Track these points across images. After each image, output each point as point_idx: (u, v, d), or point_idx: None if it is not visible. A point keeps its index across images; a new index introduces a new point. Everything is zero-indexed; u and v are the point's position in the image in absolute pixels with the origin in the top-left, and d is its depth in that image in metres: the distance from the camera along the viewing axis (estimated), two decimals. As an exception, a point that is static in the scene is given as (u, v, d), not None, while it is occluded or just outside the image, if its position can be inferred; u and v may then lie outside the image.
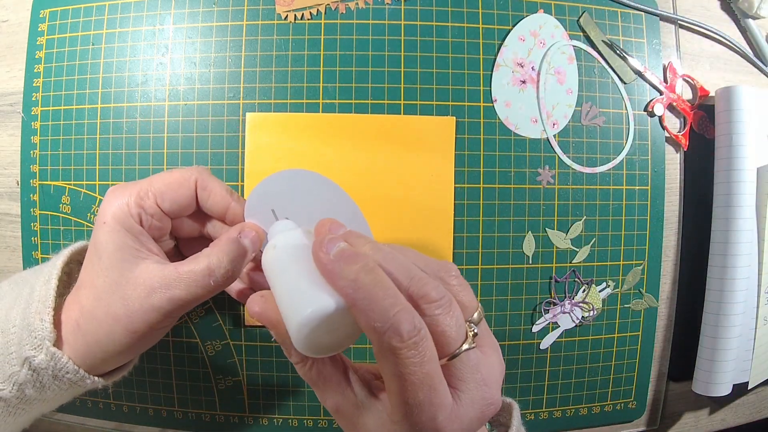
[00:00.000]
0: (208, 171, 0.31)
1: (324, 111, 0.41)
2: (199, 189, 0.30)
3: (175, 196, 0.29)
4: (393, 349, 0.20)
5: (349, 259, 0.21)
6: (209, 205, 0.30)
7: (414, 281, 0.22)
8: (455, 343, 0.21)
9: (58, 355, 0.27)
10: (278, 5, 0.41)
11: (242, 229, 0.29)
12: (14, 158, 0.43)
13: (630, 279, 0.44)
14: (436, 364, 0.21)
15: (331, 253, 0.22)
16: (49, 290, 0.29)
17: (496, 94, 0.42)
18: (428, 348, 0.20)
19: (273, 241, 0.25)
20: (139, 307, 0.27)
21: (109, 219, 0.28)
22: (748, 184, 0.43)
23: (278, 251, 0.25)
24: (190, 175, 0.30)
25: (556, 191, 0.43)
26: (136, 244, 0.28)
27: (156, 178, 0.29)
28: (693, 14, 0.47)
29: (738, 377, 0.45)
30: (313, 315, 0.21)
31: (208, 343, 0.42)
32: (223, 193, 0.30)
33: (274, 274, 0.24)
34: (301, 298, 0.22)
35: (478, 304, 0.24)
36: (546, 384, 0.44)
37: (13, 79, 0.43)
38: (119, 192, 0.29)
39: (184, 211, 0.30)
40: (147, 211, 0.28)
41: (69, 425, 0.44)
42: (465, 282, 0.24)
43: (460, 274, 0.24)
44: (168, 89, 0.41)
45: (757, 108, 0.43)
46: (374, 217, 0.41)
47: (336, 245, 0.22)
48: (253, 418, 0.43)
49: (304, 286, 0.22)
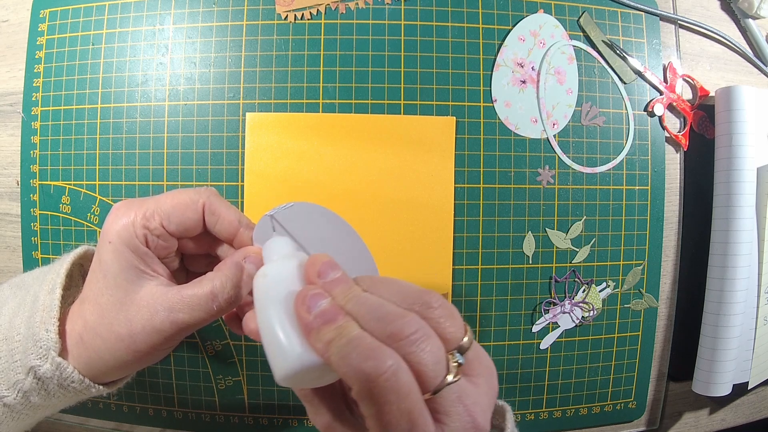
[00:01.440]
0: (216, 194, 0.30)
1: (324, 111, 0.41)
2: (207, 213, 0.29)
3: (182, 218, 0.29)
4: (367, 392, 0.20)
5: (326, 321, 0.22)
6: (217, 230, 0.30)
7: (382, 322, 0.21)
8: (435, 378, 0.21)
9: (64, 365, 0.27)
10: (278, 5, 0.41)
11: (247, 254, 0.29)
12: (14, 158, 0.43)
13: (630, 279, 0.44)
14: (415, 399, 0.20)
15: (311, 314, 0.22)
16: (53, 300, 0.28)
17: (496, 94, 0.42)
18: (403, 385, 0.20)
19: (265, 269, 0.25)
20: (141, 329, 0.27)
21: (115, 239, 0.28)
22: (748, 184, 0.43)
23: (268, 282, 0.24)
24: (198, 198, 0.29)
25: (556, 191, 0.43)
26: (141, 264, 0.28)
27: (163, 199, 0.29)
28: (693, 14, 0.47)
29: (738, 377, 0.45)
30: (292, 371, 0.22)
31: (208, 343, 0.42)
32: (232, 219, 0.30)
33: (259, 305, 0.24)
34: (279, 349, 0.22)
35: (466, 329, 0.23)
36: (546, 384, 0.44)
37: (13, 79, 0.43)
38: (124, 210, 0.28)
39: (191, 233, 0.30)
40: (153, 232, 0.28)
41: (69, 425, 0.44)
42: (450, 308, 0.23)
43: (444, 300, 0.23)
44: (168, 89, 0.41)
45: (757, 108, 0.43)
46: (374, 218, 0.41)
47: (317, 304, 0.22)
48: (253, 418, 0.43)
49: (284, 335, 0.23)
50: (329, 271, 0.24)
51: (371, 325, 0.22)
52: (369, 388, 0.20)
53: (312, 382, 0.24)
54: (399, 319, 0.21)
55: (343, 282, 0.24)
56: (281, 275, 0.24)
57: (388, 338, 0.21)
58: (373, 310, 0.22)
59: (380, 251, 0.41)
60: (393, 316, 0.21)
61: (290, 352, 0.22)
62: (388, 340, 0.21)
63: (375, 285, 0.24)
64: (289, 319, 0.23)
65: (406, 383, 0.20)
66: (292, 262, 0.25)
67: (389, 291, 0.23)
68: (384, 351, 0.20)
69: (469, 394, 0.22)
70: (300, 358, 0.22)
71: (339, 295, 0.23)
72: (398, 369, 0.20)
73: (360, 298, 0.23)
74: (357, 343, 0.21)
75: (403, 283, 0.24)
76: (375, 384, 0.20)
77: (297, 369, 0.22)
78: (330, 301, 0.23)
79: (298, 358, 0.22)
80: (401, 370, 0.20)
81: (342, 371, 0.21)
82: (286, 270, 0.25)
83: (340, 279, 0.24)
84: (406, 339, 0.21)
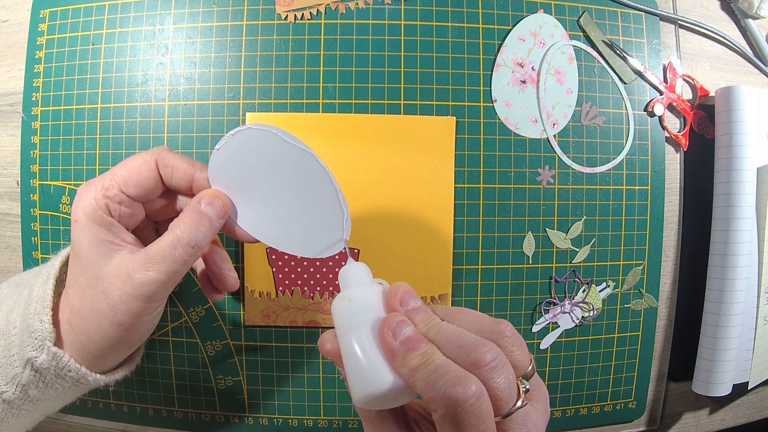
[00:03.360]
0: (167, 149, 0.31)
1: (324, 111, 0.41)
2: (161, 167, 0.30)
3: (139, 179, 0.29)
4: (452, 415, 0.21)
5: (411, 348, 0.23)
6: (175, 182, 0.30)
7: (463, 350, 0.23)
8: (508, 403, 0.23)
9: (60, 354, 0.28)
10: (278, 5, 0.41)
11: (202, 197, 0.29)
12: (14, 158, 0.43)
13: (630, 279, 0.44)
14: (491, 422, 0.22)
15: (397, 339, 0.24)
16: (47, 290, 0.29)
17: (496, 94, 0.42)
18: (485, 410, 0.21)
19: (348, 293, 0.26)
20: (119, 298, 0.27)
21: (80, 216, 0.28)
22: (748, 184, 0.43)
23: (352, 307, 0.25)
24: (150, 157, 0.30)
25: (556, 191, 0.43)
26: (110, 236, 0.28)
27: (117, 167, 0.29)
28: (693, 14, 0.47)
29: (738, 377, 0.45)
30: (374, 394, 0.23)
31: (208, 343, 0.42)
32: (185, 166, 0.30)
33: (342, 329, 0.25)
34: (363, 373, 0.24)
35: (531, 357, 0.25)
36: (546, 384, 0.44)
37: (13, 79, 0.43)
38: (86, 188, 0.29)
39: (152, 193, 0.30)
40: (113, 200, 0.29)
41: (69, 425, 0.44)
42: (519, 338, 0.25)
43: (514, 330, 0.25)
44: (168, 89, 0.41)
45: (757, 108, 0.43)
46: (374, 217, 0.41)
47: (403, 331, 0.24)
48: (253, 418, 0.43)
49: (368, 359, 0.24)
50: (410, 300, 0.25)
51: (453, 353, 0.23)
52: (454, 412, 0.21)
53: (385, 404, 0.26)
54: (479, 347, 0.23)
55: (424, 311, 0.25)
56: (366, 301, 0.26)
57: (469, 365, 0.22)
58: (455, 339, 0.24)
59: (380, 251, 0.41)
60: (474, 345, 0.23)
61: (374, 376, 0.23)
62: (470, 366, 0.22)
63: (451, 314, 0.26)
64: (373, 343, 0.24)
65: (487, 407, 0.22)
66: (375, 288, 0.26)
67: (465, 320, 0.25)
68: (469, 378, 0.22)
69: (532, 417, 0.24)
70: (384, 383, 0.23)
71: (420, 322, 0.25)
72: (482, 394, 0.22)
73: (441, 326, 0.24)
74: (444, 370, 0.22)
75: (477, 313, 0.26)
76: (461, 408, 0.21)
77: (380, 392, 0.23)
78: (413, 329, 0.24)
79: (382, 383, 0.23)
80: (484, 395, 0.22)
81: (429, 396, 0.22)
82: (371, 296, 0.26)
83: (421, 308, 0.25)
84: (486, 366, 0.22)
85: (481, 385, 0.22)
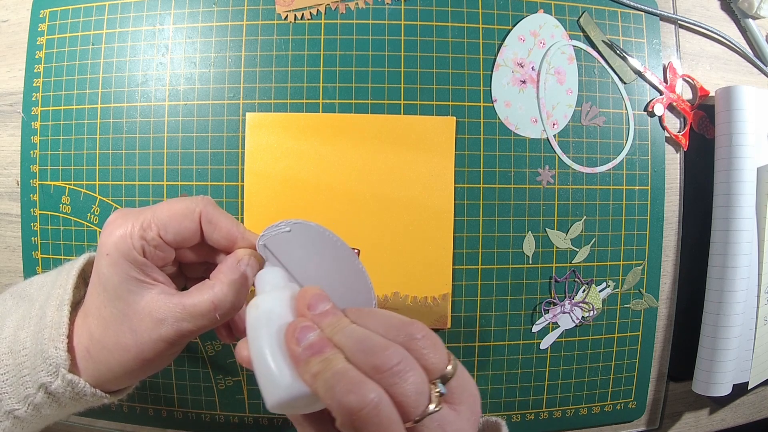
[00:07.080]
0: (213, 203, 0.30)
1: (324, 111, 0.41)
2: (204, 222, 0.29)
3: (180, 228, 0.28)
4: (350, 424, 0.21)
5: (314, 353, 0.23)
6: (215, 239, 0.30)
7: (367, 354, 0.22)
8: (417, 408, 0.22)
9: (75, 381, 0.27)
10: (278, 5, 0.41)
11: (239, 257, 0.29)
12: (14, 158, 0.43)
13: (630, 279, 0.44)
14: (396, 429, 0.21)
15: (300, 345, 0.23)
16: (62, 317, 0.28)
17: (496, 94, 0.42)
18: (384, 418, 0.21)
19: (257, 300, 0.26)
20: (148, 338, 0.27)
21: (112, 251, 0.27)
22: (748, 184, 0.43)
23: (260, 314, 0.25)
24: (195, 207, 0.29)
25: (556, 191, 0.43)
26: (140, 275, 0.28)
27: (159, 209, 0.29)
28: (693, 14, 0.47)
29: (738, 377, 0.45)
30: (279, 400, 0.23)
31: (208, 343, 0.42)
32: (229, 226, 0.29)
33: (251, 336, 0.25)
34: (270, 379, 0.23)
35: (450, 358, 0.24)
36: (546, 384, 0.44)
37: (13, 79, 0.43)
38: (121, 221, 0.28)
39: (188, 242, 0.30)
40: (150, 243, 0.28)
41: (69, 425, 0.44)
42: (433, 339, 0.24)
43: (428, 331, 0.24)
44: (168, 89, 0.41)
45: (757, 108, 0.43)
46: (374, 218, 0.41)
47: (306, 337, 0.23)
48: (253, 418, 0.43)
49: (275, 365, 0.24)
50: (319, 303, 0.25)
51: (357, 357, 0.22)
52: (351, 420, 0.21)
53: (302, 409, 0.25)
54: (383, 351, 0.22)
55: (332, 314, 0.24)
56: (273, 307, 0.25)
57: (372, 370, 0.22)
58: (359, 342, 0.23)
59: (380, 251, 0.41)
60: (377, 348, 0.22)
61: (281, 382, 0.23)
62: (372, 371, 0.22)
63: (362, 317, 0.25)
64: (280, 349, 0.24)
65: (387, 415, 0.21)
66: (284, 293, 0.26)
67: (375, 323, 0.24)
68: (366, 384, 0.21)
69: (451, 421, 0.23)
70: (289, 389, 0.23)
71: (327, 327, 0.24)
72: (380, 402, 0.21)
73: (347, 330, 0.24)
74: (341, 376, 0.21)
75: (389, 314, 0.25)
76: (357, 417, 0.20)
77: (286, 398, 0.23)
78: (318, 334, 0.23)
79: (288, 388, 0.23)
80: (383, 403, 0.21)
81: (327, 402, 0.21)
82: (278, 302, 0.25)
83: (329, 311, 0.25)
84: (389, 371, 0.21)
85: (380, 391, 0.21)
